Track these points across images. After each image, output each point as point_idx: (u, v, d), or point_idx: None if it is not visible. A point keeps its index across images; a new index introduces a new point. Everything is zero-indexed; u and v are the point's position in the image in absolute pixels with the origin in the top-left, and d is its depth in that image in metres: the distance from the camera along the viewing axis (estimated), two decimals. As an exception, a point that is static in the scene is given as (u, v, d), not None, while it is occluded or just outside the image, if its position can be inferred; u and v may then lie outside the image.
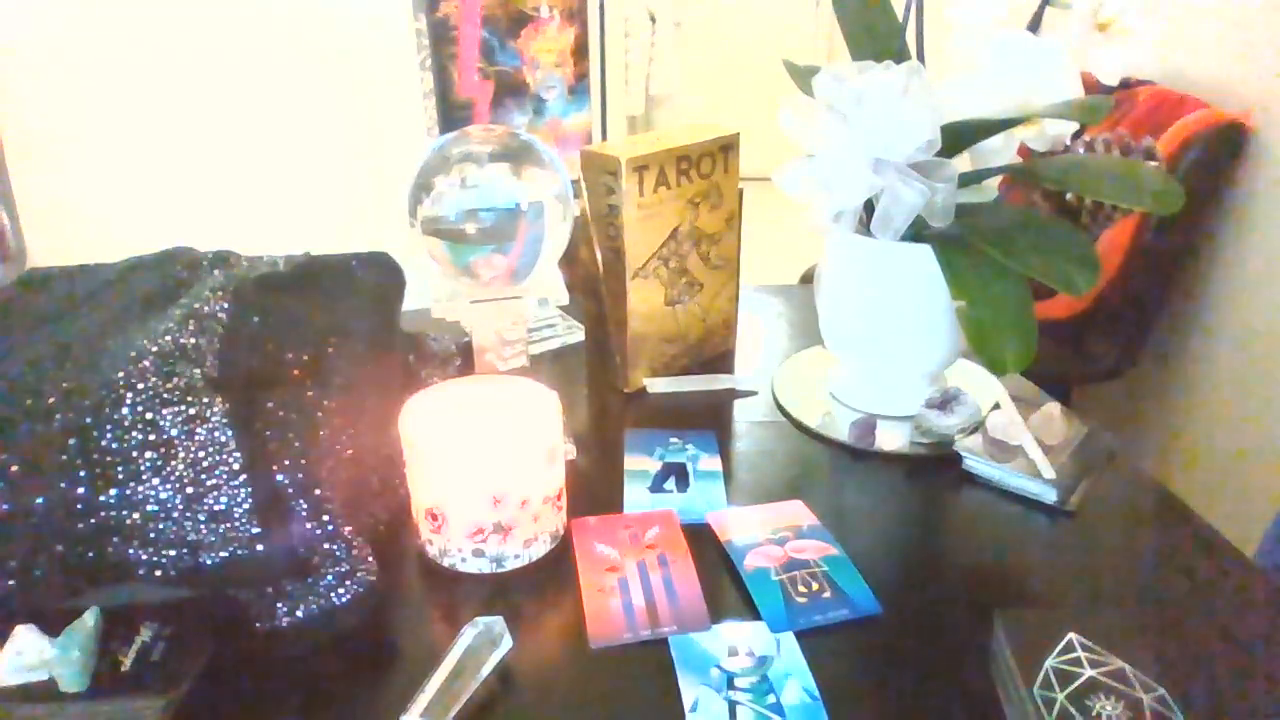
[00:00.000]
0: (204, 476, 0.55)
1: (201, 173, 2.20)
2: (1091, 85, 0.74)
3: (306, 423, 0.60)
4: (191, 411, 0.57)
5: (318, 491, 0.57)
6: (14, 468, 0.54)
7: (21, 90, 2.03)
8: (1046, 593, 0.65)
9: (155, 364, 0.59)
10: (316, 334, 0.68)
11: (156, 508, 0.54)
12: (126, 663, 0.53)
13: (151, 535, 0.55)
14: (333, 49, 2.17)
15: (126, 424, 0.56)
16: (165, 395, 0.57)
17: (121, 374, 0.58)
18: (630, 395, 0.90)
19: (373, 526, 0.66)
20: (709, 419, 0.86)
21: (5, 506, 0.53)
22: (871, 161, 0.70)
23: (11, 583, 0.54)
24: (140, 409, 0.56)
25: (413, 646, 0.59)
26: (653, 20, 3.55)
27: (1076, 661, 0.51)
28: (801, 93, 0.79)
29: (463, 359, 0.88)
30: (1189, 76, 1.62)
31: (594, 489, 0.75)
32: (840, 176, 0.71)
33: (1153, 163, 0.75)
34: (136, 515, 0.54)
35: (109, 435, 0.55)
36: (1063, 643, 0.52)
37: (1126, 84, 1.67)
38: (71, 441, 0.55)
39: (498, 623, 0.56)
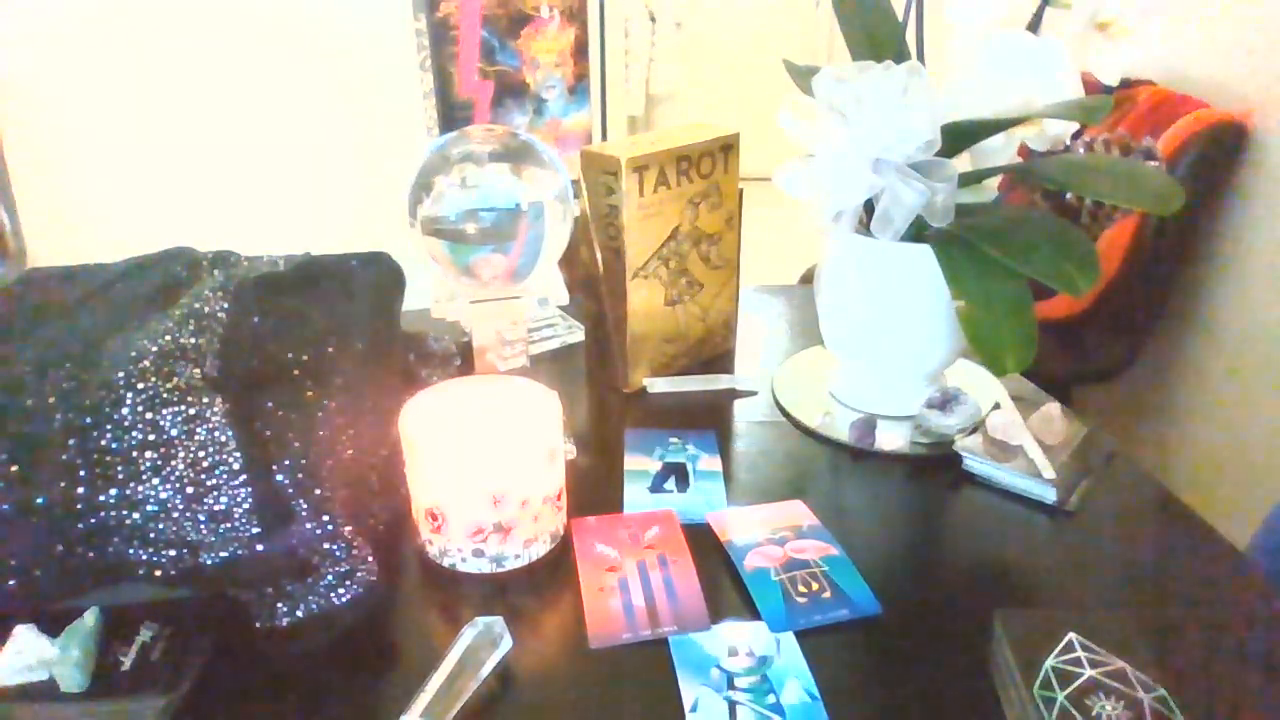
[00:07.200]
0: (204, 476, 0.55)
1: (201, 173, 2.20)
2: (1091, 85, 0.74)
3: (306, 423, 0.60)
4: (191, 411, 0.57)
5: (318, 491, 0.57)
6: (14, 468, 0.54)
7: (21, 90, 2.03)
8: (1046, 593, 0.65)
9: (155, 364, 0.59)
10: (316, 334, 0.68)
11: (156, 508, 0.54)
12: (126, 663, 0.53)
13: (151, 535, 0.55)
14: (333, 49, 2.18)
15: (126, 424, 0.56)
16: (165, 395, 0.57)
17: (121, 374, 0.58)
18: (630, 395, 0.90)
19: (373, 526, 0.66)
20: (709, 419, 0.86)
21: (5, 506, 0.53)
22: (871, 161, 0.70)
23: (12, 583, 0.54)
24: (140, 409, 0.56)
25: (413, 646, 0.59)
26: (653, 20, 3.56)
27: (1076, 661, 0.51)
28: (801, 93, 0.79)
29: (463, 359, 0.88)
30: (1189, 76, 1.62)
31: (594, 489, 0.75)
32: (840, 176, 0.71)
33: (1153, 163, 0.75)
34: (136, 515, 0.54)
35: (109, 435, 0.55)
36: (1063, 643, 0.52)
37: (1126, 84, 1.67)
38: (71, 441, 0.55)
39: (498, 623, 0.56)
